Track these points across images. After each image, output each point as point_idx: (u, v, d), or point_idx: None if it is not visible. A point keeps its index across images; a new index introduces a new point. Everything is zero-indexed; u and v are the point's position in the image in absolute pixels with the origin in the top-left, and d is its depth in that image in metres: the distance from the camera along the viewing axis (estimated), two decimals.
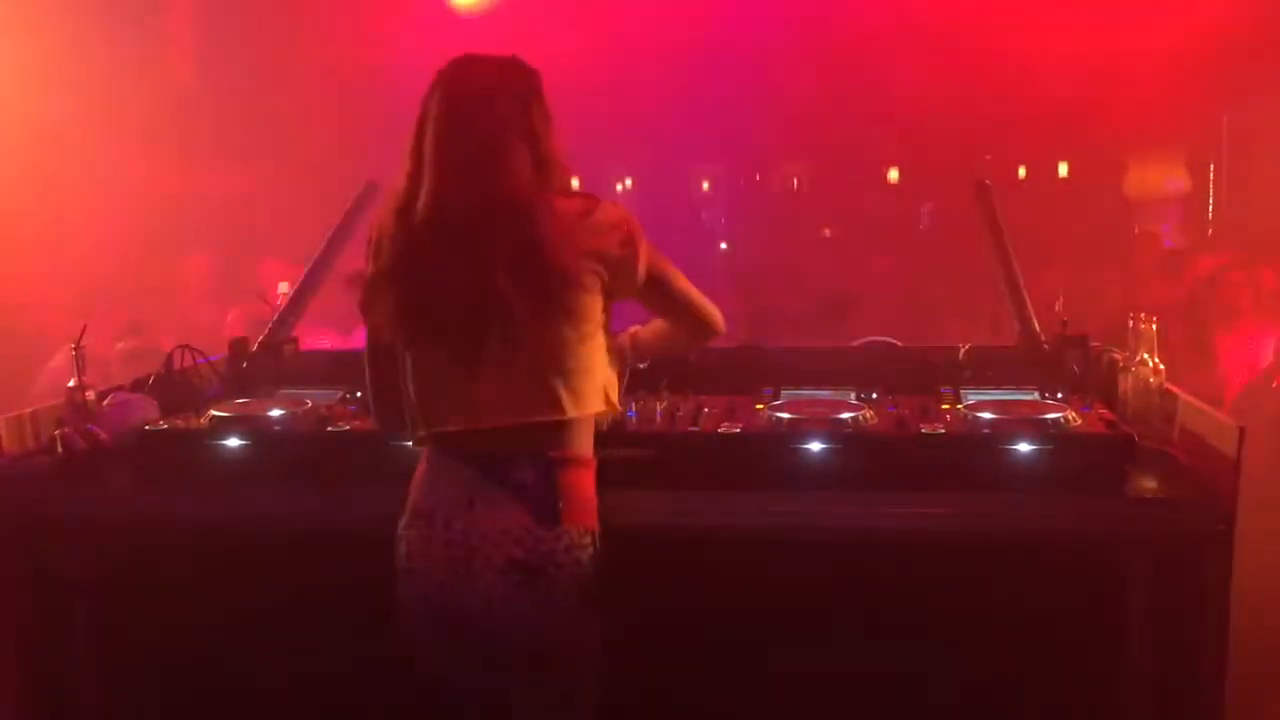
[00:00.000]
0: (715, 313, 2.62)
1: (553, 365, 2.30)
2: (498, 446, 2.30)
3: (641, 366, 2.86)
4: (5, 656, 2.85)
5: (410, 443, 2.45)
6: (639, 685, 2.79)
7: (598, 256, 2.30)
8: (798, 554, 2.66)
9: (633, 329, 2.82)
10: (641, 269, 2.38)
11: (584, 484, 2.35)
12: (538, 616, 2.28)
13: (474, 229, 2.26)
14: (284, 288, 3.76)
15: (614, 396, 2.45)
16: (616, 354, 2.70)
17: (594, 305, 2.33)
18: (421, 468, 2.40)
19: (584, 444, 2.37)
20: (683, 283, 2.53)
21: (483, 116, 2.31)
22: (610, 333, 2.47)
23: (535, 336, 2.27)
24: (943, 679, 2.80)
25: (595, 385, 2.37)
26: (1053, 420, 2.67)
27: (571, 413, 2.31)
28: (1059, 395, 2.95)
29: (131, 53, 6.74)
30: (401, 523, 2.39)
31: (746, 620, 2.83)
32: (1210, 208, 7.86)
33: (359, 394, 3.13)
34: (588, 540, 2.31)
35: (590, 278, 2.30)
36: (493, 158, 2.28)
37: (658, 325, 2.74)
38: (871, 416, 2.78)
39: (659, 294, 2.50)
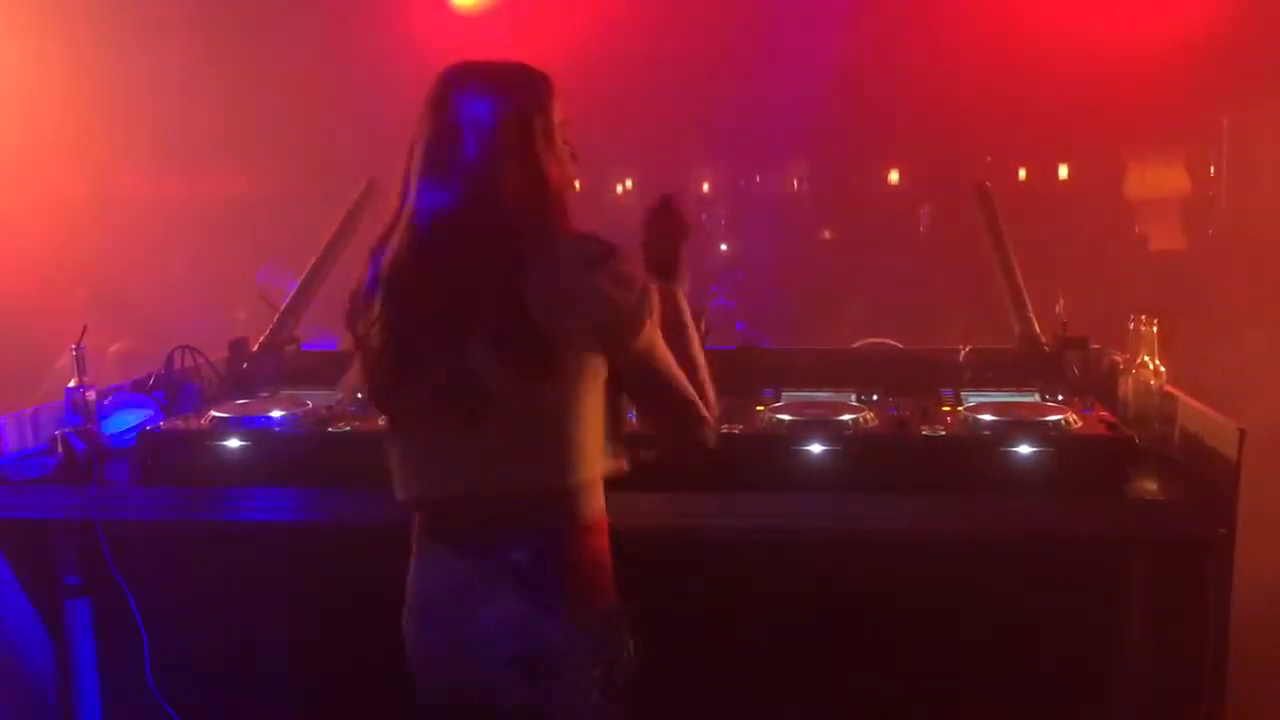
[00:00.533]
0: (707, 417, 2.13)
1: (543, 430, 1.98)
2: (487, 521, 2.01)
3: None
4: (6, 656, 2.85)
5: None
6: (636, 685, 2.78)
7: (598, 316, 1.96)
8: (798, 555, 2.66)
9: None
10: (642, 340, 2.01)
11: (592, 555, 2.04)
12: (550, 713, 2.01)
13: (456, 273, 1.97)
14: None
15: (620, 455, 2.11)
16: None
17: (592, 363, 2.00)
18: (412, 555, 2.12)
19: (590, 507, 2.05)
20: (676, 370, 2.10)
21: (474, 137, 2.01)
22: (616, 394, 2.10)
23: (521, 398, 1.96)
24: (944, 679, 2.80)
25: (591, 449, 2.03)
26: (1053, 422, 2.67)
27: (565, 481, 2.00)
28: (1059, 397, 2.95)
29: (133, 55, 6.74)
30: (403, 611, 2.14)
31: (747, 620, 2.84)
32: (1212, 210, 7.85)
33: (359, 395, 3.13)
34: (596, 622, 2.02)
35: (588, 337, 1.97)
36: (483, 187, 1.99)
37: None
38: (872, 418, 2.78)
39: (644, 375, 2.07)
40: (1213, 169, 7.80)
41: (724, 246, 8.37)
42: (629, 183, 8.53)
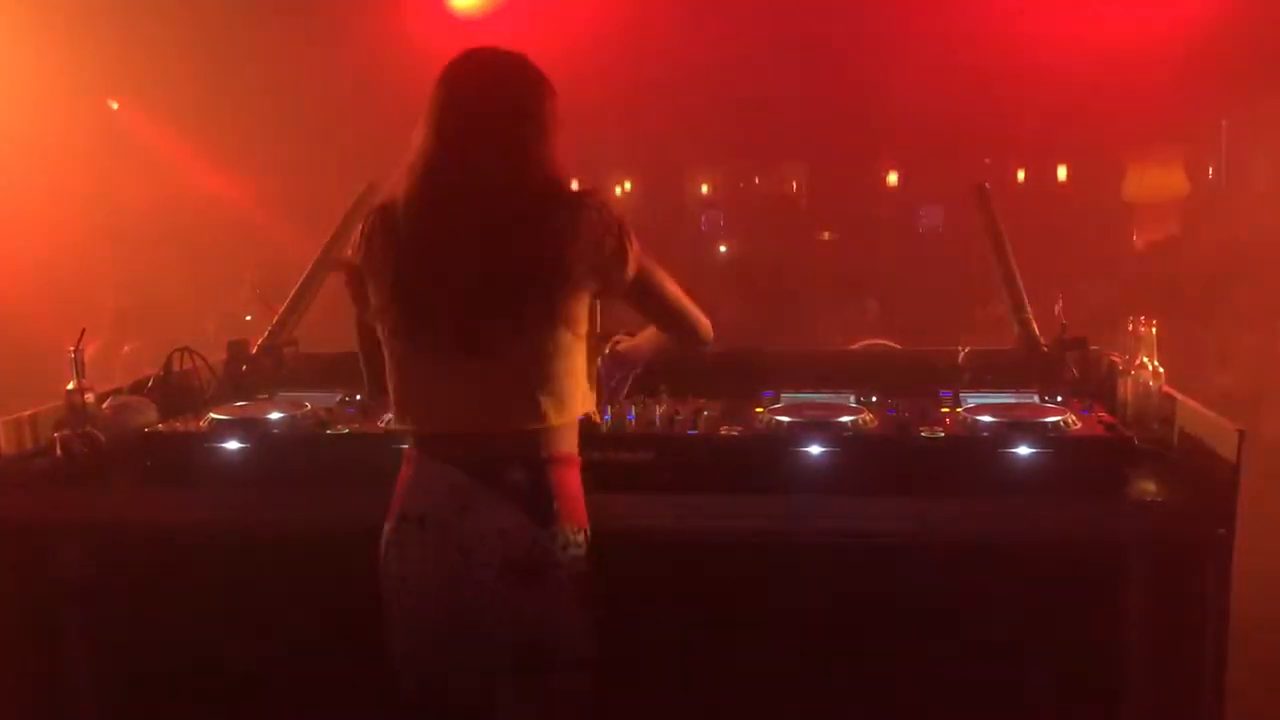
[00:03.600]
0: (703, 320, 2.57)
1: (542, 369, 2.26)
2: (486, 449, 2.27)
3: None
4: (3, 659, 2.84)
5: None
6: (638, 688, 2.78)
7: (591, 257, 2.25)
8: (797, 557, 2.66)
9: (619, 338, 2.83)
10: (630, 271, 2.33)
11: (573, 482, 2.33)
12: (536, 615, 2.26)
13: (480, 222, 2.22)
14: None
15: (592, 404, 2.42)
16: (615, 362, 2.77)
17: (584, 308, 2.31)
18: (406, 470, 2.36)
19: (571, 443, 2.35)
20: (670, 288, 2.48)
21: (496, 105, 2.28)
22: (597, 337, 2.46)
23: (527, 338, 2.24)
24: (943, 680, 2.79)
25: (580, 389, 2.34)
26: (1052, 423, 2.67)
27: (556, 420, 2.28)
28: (1058, 398, 2.94)
29: (133, 58, 6.75)
30: (387, 527, 2.34)
31: (746, 622, 2.83)
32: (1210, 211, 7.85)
33: (358, 396, 3.13)
34: (581, 537, 2.30)
35: (583, 280, 2.26)
36: (504, 150, 2.25)
37: (649, 332, 2.74)
38: (871, 419, 2.78)
39: (645, 298, 2.45)
40: (1211, 170, 7.81)
41: (723, 248, 8.38)
42: (628, 184, 8.54)
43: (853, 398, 2.99)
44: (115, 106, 7.40)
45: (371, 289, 2.33)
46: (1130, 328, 2.97)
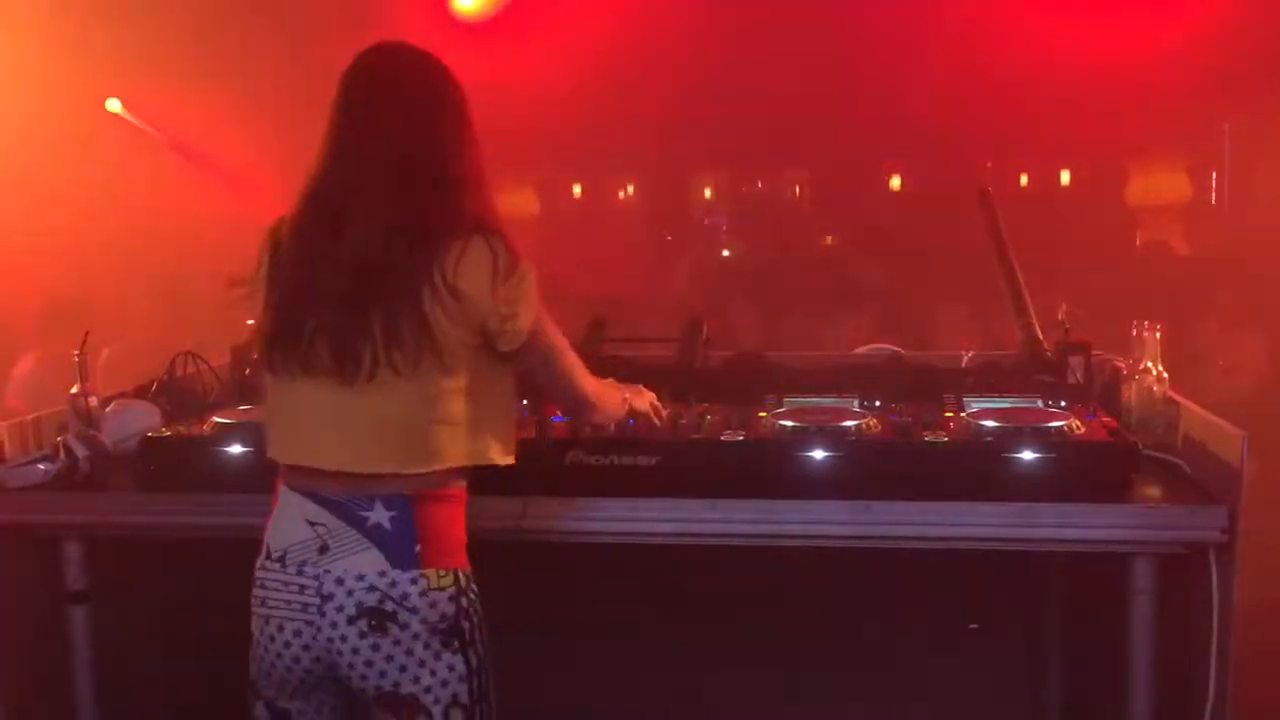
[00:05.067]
0: (587, 388, 2.40)
1: (410, 414, 2.13)
2: (348, 485, 2.15)
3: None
4: (6, 664, 2.84)
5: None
6: (639, 689, 2.79)
7: (480, 301, 2.11)
8: (800, 561, 2.66)
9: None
10: (524, 328, 2.17)
11: (447, 521, 2.19)
12: (391, 664, 2.14)
13: (354, 251, 2.10)
14: None
15: (498, 453, 2.24)
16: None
17: (469, 355, 2.15)
18: (273, 503, 2.25)
19: (450, 482, 2.21)
20: (570, 357, 2.33)
21: (385, 124, 2.18)
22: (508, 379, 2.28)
23: (400, 382, 2.10)
24: (946, 683, 2.80)
25: (460, 442, 2.18)
26: (1056, 428, 2.66)
27: (423, 468, 2.15)
28: (1062, 403, 2.94)
29: (131, 59, 6.76)
30: (258, 560, 2.24)
31: (749, 626, 2.83)
32: (1213, 216, 7.86)
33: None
34: (448, 580, 2.16)
35: (465, 323, 2.12)
36: (392, 176, 2.14)
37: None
38: (874, 424, 2.78)
39: (537, 363, 2.28)
40: (1214, 175, 7.80)
41: (726, 252, 8.38)
42: (630, 189, 8.54)
43: (856, 402, 2.99)
44: (116, 107, 7.38)
45: (257, 301, 2.25)
46: (1135, 332, 2.97)
